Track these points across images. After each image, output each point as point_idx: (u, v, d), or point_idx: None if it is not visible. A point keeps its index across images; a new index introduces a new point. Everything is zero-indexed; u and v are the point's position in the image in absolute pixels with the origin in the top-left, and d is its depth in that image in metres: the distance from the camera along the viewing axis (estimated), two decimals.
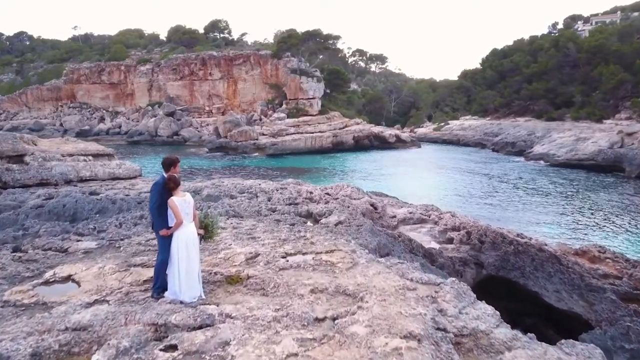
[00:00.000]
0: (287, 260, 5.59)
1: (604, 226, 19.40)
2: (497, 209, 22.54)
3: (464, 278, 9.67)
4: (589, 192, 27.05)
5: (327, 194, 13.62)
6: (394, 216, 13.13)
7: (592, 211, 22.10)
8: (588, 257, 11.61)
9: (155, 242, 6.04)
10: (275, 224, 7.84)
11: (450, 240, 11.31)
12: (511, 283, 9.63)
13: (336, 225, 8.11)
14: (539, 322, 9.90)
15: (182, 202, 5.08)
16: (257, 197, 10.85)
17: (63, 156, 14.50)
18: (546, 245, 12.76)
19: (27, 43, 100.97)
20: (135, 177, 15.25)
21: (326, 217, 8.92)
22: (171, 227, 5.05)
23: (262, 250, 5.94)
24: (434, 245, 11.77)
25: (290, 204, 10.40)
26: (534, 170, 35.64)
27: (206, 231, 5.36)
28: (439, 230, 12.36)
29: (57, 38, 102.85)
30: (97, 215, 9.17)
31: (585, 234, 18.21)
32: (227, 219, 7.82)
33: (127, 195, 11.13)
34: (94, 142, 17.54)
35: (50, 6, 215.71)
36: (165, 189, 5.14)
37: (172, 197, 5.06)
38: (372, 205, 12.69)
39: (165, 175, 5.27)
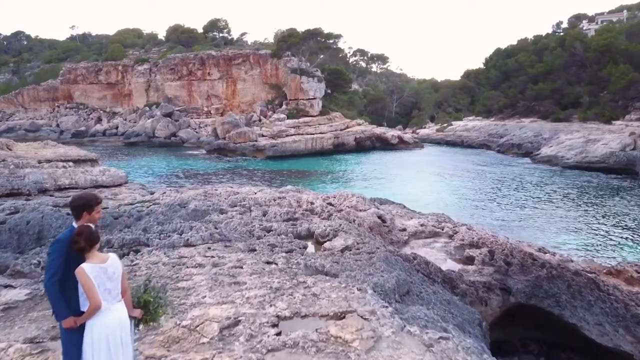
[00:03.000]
0: (279, 333, 4.01)
1: (628, 237, 18.07)
2: (509, 217, 21.22)
3: (489, 306, 8.40)
4: (606, 197, 25.70)
5: (330, 204, 12.36)
6: (404, 229, 11.86)
7: (612, 219, 20.76)
8: (624, 277, 10.30)
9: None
10: (269, 252, 6.50)
11: (469, 259, 10.03)
12: (543, 312, 8.34)
13: (343, 251, 6.80)
14: (575, 357, 8.63)
15: (99, 272, 3.19)
16: (250, 211, 9.55)
17: (40, 162, 13.24)
18: (572, 261, 11.51)
19: (25, 43, 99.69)
20: (120, 185, 13.98)
21: (330, 238, 7.62)
22: (84, 312, 3.17)
23: (245, 312, 4.37)
24: (451, 264, 10.51)
25: (288, 220, 9.10)
26: (543, 174, 34.31)
27: (145, 311, 3.47)
28: (455, 246, 11.08)
29: (55, 38, 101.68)
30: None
31: (609, 246, 16.89)
32: (209, 248, 6.46)
33: (105, 208, 9.86)
34: (75, 146, 16.27)
35: (49, 6, 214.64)
36: (72, 251, 3.20)
37: (82, 265, 3.16)
38: (380, 217, 11.42)
39: (75, 226, 3.33)
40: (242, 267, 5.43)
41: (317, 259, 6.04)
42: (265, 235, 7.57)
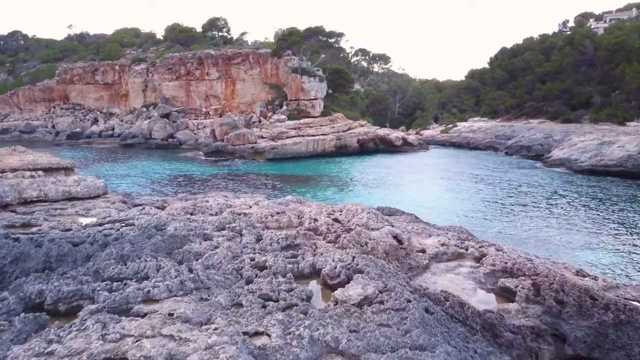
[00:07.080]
0: None
1: None
2: (531, 229, 19.48)
3: (540, 359, 6.70)
4: (632, 206, 23.92)
5: (336, 220, 10.67)
6: (423, 250, 10.16)
7: None
8: None
9: None
10: (259, 309, 4.74)
11: (505, 291, 8.33)
12: None
13: (361, 305, 5.08)
14: None
15: None
16: (241, 236, 7.86)
17: (3, 172, 11.58)
18: (618, 287, 9.82)
19: (22, 42, 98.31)
20: (97, 197, 12.29)
21: (342, 281, 5.88)
22: None
23: None
24: (483, 295, 8.79)
25: (287, 247, 7.42)
26: (557, 178, 32.58)
27: None
28: (485, 273, 9.36)
29: (52, 37, 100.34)
30: None
31: None
32: (171, 315, 4.50)
33: (67, 230, 8.17)
34: (47, 152, 14.61)
35: (46, 5, 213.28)
36: None
37: None
38: (395, 237, 9.73)
39: None
40: None
41: (327, 325, 4.31)
42: (257, 276, 5.83)
